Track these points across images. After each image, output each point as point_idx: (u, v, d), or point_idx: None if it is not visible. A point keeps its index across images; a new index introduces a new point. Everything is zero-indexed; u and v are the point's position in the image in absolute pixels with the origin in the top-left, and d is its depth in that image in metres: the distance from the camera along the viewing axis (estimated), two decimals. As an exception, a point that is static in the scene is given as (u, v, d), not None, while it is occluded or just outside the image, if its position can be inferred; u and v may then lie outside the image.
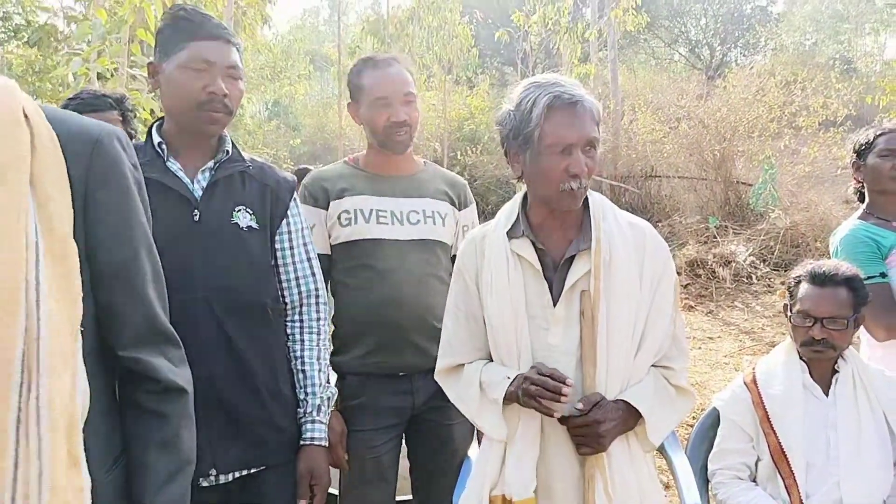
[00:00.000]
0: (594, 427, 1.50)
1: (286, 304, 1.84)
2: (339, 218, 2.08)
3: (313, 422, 1.79)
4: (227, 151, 1.75)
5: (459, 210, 2.22)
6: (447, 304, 1.75)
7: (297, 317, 1.85)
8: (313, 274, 1.86)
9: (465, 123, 13.45)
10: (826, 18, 23.31)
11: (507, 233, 1.62)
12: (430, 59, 10.22)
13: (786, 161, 9.71)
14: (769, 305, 6.89)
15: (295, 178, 1.92)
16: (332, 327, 2.15)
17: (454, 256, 2.09)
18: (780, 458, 1.90)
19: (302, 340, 1.84)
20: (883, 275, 2.17)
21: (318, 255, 1.95)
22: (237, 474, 1.72)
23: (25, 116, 0.97)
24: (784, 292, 2.12)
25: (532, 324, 1.57)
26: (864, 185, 2.35)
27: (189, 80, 1.64)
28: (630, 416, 1.56)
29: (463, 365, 1.67)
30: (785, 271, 7.74)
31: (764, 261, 8.00)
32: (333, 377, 2.12)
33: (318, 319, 1.87)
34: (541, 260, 1.59)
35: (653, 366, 1.62)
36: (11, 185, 0.92)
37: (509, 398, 1.56)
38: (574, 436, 1.55)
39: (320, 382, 1.82)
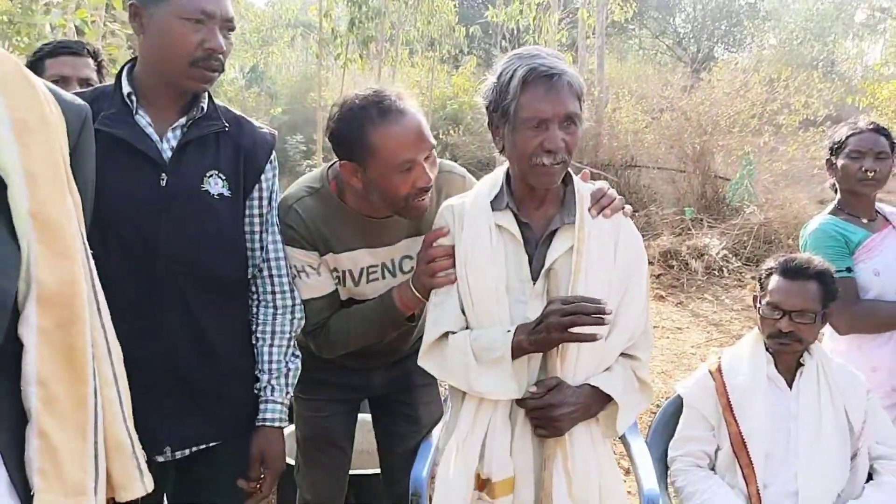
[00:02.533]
0: (549, 410, 1.49)
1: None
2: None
3: (266, 401, 1.71)
4: (203, 108, 1.60)
5: None
6: None
7: (252, 289, 1.74)
8: (272, 242, 1.72)
9: (448, 102, 13.36)
10: (814, 18, 23.47)
11: (491, 203, 1.58)
12: (413, 36, 10.05)
13: (764, 158, 9.78)
14: (738, 299, 6.95)
15: (275, 135, 1.74)
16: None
17: None
18: (739, 447, 1.90)
19: (257, 314, 1.74)
20: (849, 269, 2.19)
21: (324, 295, 1.82)
22: (192, 449, 1.67)
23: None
24: (755, 286, 2.12)
25: (510, 297, 1.54)
26: (836, 181, 2.36)
27: (186, 32, 1.49)
28: (594, 403, 1.55)
29: (446, 335, 1.59)
30: (756, 266, 7.81)
31: (736, 255, 8.07)
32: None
33: (274, 293, 1.74)
34: (523, 234, 1.57)
35: (620, 355, 1.61)
36: (47, 144, 1.03)
37: (519, 350, 1.50)
38: (531, 418, 1.54)
39: (273, 360, 1.72)
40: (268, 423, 1.70)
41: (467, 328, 1.60)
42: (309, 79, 16.85)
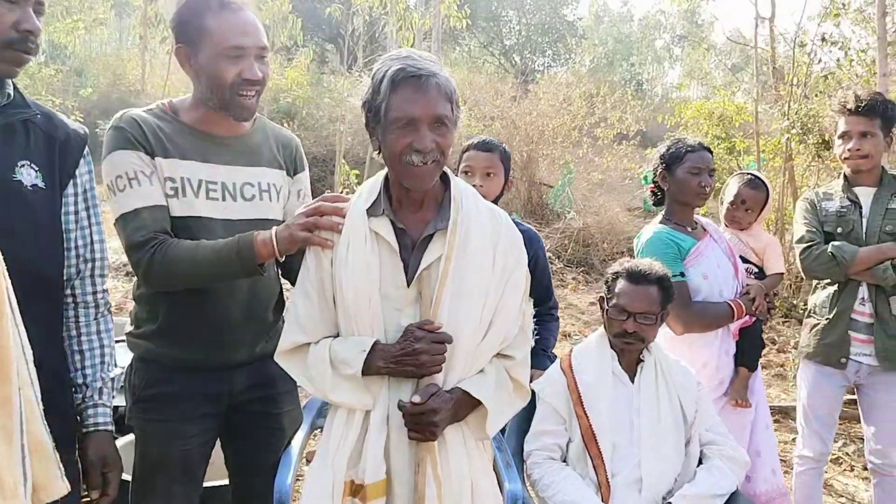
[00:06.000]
0: (429, 416, 1.50)
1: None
2: (162, 184, 1.79)
3: (96, 406, 1.66)
4: (9, 95, 1.50)
5: (293, 176, 2.00)
6: (298, 280, 1.65)
7: (69, 290, 1.66)
8: (93, 242, 1.68)
9: (281, 95, 12.96)
10: (622, 40, 25.64)
11: (367, 210, 1.56)
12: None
13: (582, 168, 10.56)
14: (561, 298, 7.42)
15: (87, 131, 1.70)
16: (135, 304, 1.92)
17: None
18: (589, 439, 2.03)
19: (76, 317, 1.67)
20: (682, 274, 2.41)
21: (156, 206, 1.74)
22: None
23: None
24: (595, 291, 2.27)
25: (386, 304, 1.53)
26: (667, 193, 2.58)
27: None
28: (462, 407, 1.56)
29: (308, 344, 1.58)
30: (577, 268, 8.41)
31: (559, 257, 8.63)
32: (126, 357, 1.92)
33: (95, 293, 1.70)
34: (399, 240, 1.56)
35: (496, 355, 1.64)
36: None
37: (373, 370, 1.51)
38: (407, 422, 1.53)
39: (100, 363, 1.68)
40: (101, 427, 1.67)
41: (337, 335, 1.59)
42: (124, 60, 15.56)
